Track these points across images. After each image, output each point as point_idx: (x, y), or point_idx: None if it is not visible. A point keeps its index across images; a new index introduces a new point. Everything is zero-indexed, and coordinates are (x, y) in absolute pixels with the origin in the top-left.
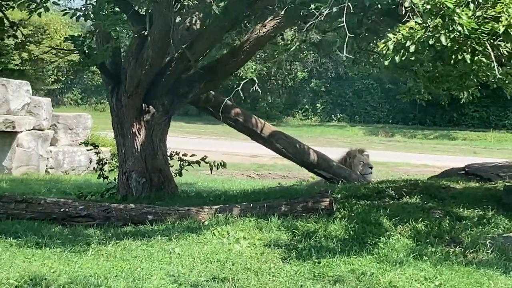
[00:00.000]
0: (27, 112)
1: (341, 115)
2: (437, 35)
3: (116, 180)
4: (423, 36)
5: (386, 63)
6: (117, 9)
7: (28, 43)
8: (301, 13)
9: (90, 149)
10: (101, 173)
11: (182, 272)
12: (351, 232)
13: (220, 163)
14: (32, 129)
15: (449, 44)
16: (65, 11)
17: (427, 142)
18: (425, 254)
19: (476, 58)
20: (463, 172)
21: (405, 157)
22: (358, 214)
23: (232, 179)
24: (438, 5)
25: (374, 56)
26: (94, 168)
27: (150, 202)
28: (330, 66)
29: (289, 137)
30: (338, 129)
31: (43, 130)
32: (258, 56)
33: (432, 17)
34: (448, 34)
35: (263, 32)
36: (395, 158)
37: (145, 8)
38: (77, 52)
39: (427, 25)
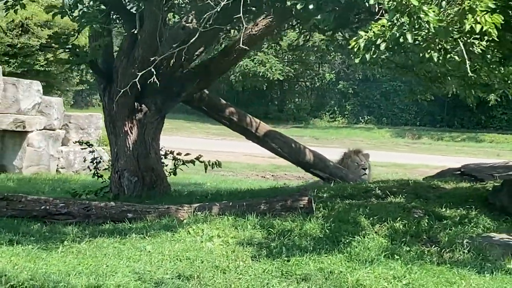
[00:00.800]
0: (38, 112)
1: (368, 117)
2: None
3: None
4: (392, 34)
5: (357, 61)
6: (103, 7)
7: (53, 44)
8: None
9: (84, 148)
10: (95, 172)
11: (148, 270)
12: (326, 231)
13: (215, 163)
14: (43, 129)
15: (416, 42)
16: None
17: (453, 145)
18: (398, 253)
19: (448, 56)
20: (459, 172)
21: (427, 159)
22: (338, 213)
23: (244, 180)
24: (403, 3)
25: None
26: (88, 167)
27: (141, 201)
28: (358, 68)
29: (284, 136)
30: (364, 131)
31: (54, 130)
32: (286, 57)
33: (398, 14)
34: (415, 32)
35: (255, 31)
36: (416, 160)
37: (135, 7)
38: (67, 50)
39: (395, 22)
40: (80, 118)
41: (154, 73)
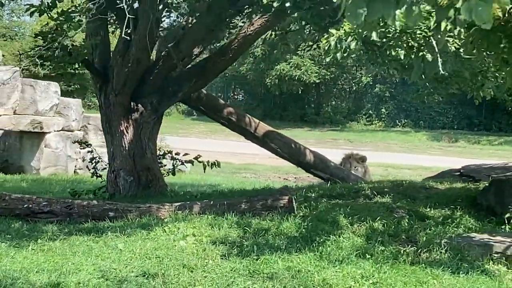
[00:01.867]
0: (55, 113)
1: (405, 120)
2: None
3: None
4: (359, 33)
5: (328, 59)
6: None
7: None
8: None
9: (83, 148)
10: (94, 172)
11: (114, 268)
12: (302, 230)
13: (214, 163)
14: (60, 130)
15: (384, 40)
16: (28, 8)
17: (488, 148)
18: (371, 253)
19: (420, 54)
20: (459, 173)
21: (456, 162)
22: (319, 212)
23: (262, 182)
24: None
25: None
26: (87, 166)
27: (134, 201)
28: (395, 71)
29: (284, 137)
30: (401, 135)
31: (72, 131)
32: (323, 61)
33: None
34: (382, 30)
35: (251, 31)
36: (445, 163)
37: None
38: (60, 50)
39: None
40: (99, 119)
41: (153, 72)
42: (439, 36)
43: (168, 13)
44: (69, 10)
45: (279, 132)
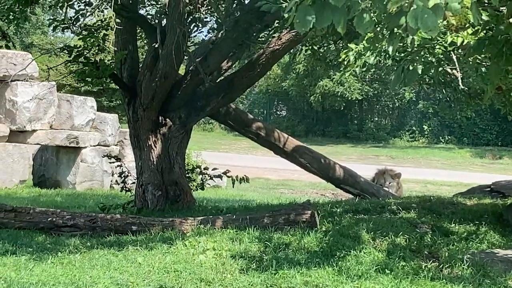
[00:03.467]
0: (92, 128)
1: (449, 137)
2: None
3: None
4: (375, 47)
5: (347, 74)
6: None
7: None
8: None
9: (113, 162)
10: (123, 186)
11: (131, 281)
12: (323, 245)
13: (242, 178)
14: (96, 145)
15: (402, 55)
16: (51, 23)
17: None
18: (391, 268)
19: (440, 69)
20: (489, 189)
21: (497, 178)
22: (341, 227)
23: (298, 198)
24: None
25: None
26: (116, 181)
27: (162, 215)
28: (438, 87)
29: (313, 152)
30: (443, 151)
31: (108, 146)
32: (367, 77)
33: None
34: (399, 45)
35: (279, 45)
36: (486, 180)
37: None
38: (82, 62)
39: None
40: None
41: (181, 86)
42: (459, 50)
43: (197, 28)
44: (95, 25)
45: (308, 147)
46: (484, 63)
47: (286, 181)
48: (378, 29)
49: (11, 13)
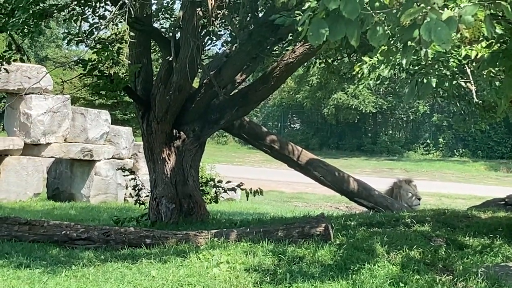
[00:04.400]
0: (106, 141)
1: (463, 150)
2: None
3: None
4: (389, 60)
5: (361, 87)
6: (132, 33)
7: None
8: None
9: (127, 175)
10: (137, 199)
11: None
12: (337, 258)
13: (256, 191)
14: (111, 158)
15: (416, 68)
16: (65, 36)
17: None
18: (405, 281)
19: (454, 82)
20: (503, 202)
21: (509, 191)
22: (355, 240)
23: (311, 211)
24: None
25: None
26: (130, 194)
27: (176, 228)
28: (452, 100)
29: (327, 164)
30: (458, 164)
31: (123, 159)
32: (381, 90)
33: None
34: (413, 58)
35: (293, 58)
36: (500, 194)
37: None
38: (97, 75)
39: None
40: None
41: (195, 99)
42: (473, 64)
43: (211, 41)
44: (109, 38)
45: (322, 160)
46: (498, 77)
47: (300, 194)
48: (392, 42)
49: (26, 27)
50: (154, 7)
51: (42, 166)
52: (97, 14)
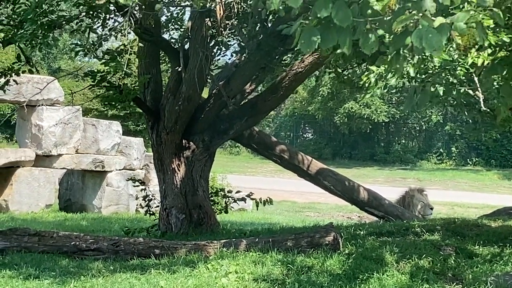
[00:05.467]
0: (117, 152)
1: (476, 159)
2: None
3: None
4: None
5: (368, 96)
6: (140, 44)
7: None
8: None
9: (137, 185)
10: (147, 210)
11: None
12: (346, 267)
13: (266, 200)
14: (122, 169)
15: (423, 76)
16: (73, 48)
17: None
18: None
19: (462, 90)
20: None
21: None
22: (364, 250)
23: (323, 220)
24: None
25: None
26: (140, 204)
27: (186, 238)
28: (462, 109)
29: (337, 174)
30: (471, 174)
31: (134, 170)
32: (394, 99)
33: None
34: (419, 66)
35: (302, 68)
36: (510, 202)
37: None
38: (106, 86)
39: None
40: None
41: (204, 110)
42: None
43: (220, 51)
44: (118, 49)
45: (332, 169)
46: (499, 84)
47: (312, 204)
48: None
49: (34, 38)
50: (163, 18)
51: (54, 178)
52: (106, 26)
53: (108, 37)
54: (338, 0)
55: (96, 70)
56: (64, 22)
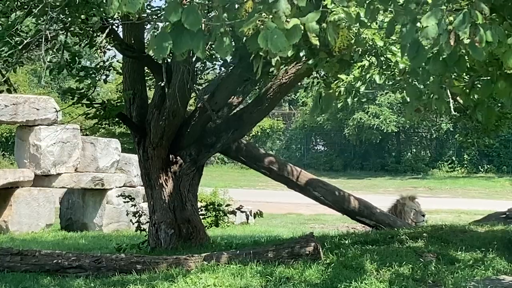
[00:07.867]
0: (116, 169)
1: (488, 166)
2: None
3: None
4: (363, 76)
5: (339, 105)
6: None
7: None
8: None
9: (127, 201)
10: (138, 226)
11: None
12: (325, 277)
13: (257, 213)
14: (122, 186)
15: (390, 82)
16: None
17: None
18: None
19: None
20: (504, 216)
21: None
22: (345, 259)
23: (326, 232)
24: (370, 44)
25: None
26: (130, 220)
27: (175, 253)
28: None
29: (327, 184)
30: (482, 181)
31: (135, 187)
32: (403, 109)
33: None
34: (386, 73)
35: (286, 79)
36: None
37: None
38: (87, 104)
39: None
40: None
41: (190, 124)
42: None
43: (204, 65)
44: (98, 66)
45: (321, 180)
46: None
47: (318, 215)
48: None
49: (9, 58)
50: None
51: (54, 197)
52: (82, 43)
53: (83, 54)
54: (188, 5)
55: (75, 88)
56: (37, 41)
